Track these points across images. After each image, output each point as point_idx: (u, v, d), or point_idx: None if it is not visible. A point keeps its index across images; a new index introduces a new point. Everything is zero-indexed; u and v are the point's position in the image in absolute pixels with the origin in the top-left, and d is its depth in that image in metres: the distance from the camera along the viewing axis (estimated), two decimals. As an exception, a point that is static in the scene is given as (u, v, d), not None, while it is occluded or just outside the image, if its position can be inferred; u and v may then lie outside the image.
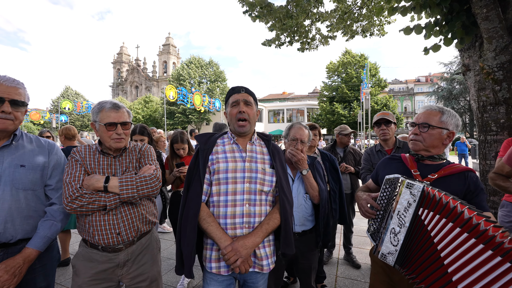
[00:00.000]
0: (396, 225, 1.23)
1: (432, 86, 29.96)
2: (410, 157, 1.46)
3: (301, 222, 1.88)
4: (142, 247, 1.54)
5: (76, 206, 1.31)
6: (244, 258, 1.24)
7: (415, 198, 1.18)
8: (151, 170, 1.50)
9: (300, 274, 1.99)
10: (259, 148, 1.47)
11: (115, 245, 1.42)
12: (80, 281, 1.39)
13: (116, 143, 1.45)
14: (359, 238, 4.17)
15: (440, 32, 2.71)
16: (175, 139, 2.64)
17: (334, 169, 2.40)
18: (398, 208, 1.24)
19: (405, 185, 1.23)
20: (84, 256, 1.43)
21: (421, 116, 1.39)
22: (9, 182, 1.29)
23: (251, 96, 1.47)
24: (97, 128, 1.46)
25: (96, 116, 1.45)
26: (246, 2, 4.46)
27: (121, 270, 1.46)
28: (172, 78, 35.87)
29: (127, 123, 1.49)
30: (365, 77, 18.46)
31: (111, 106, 1.45)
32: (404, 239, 1.20)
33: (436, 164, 1.38)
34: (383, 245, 1.28)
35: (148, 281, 1.53)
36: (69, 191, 1.32)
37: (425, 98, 37.55)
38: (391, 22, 5.47)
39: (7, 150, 1.32)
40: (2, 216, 1.25)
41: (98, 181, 1.36)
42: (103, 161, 1.48)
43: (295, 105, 36.19)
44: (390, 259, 1.25)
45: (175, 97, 18.16)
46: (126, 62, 68.03)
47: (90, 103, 29.17)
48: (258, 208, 1.34)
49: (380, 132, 2.64)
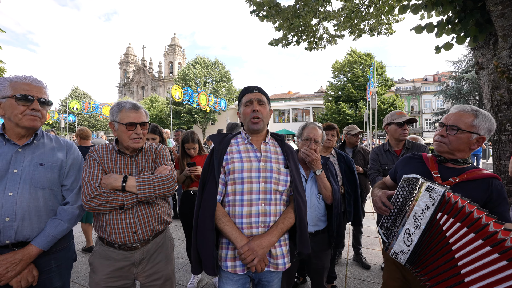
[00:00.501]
0: (411, 226, 1.23)
1: (440, 85, 29.52)
2: (432, 158, 1.43)
3: (314, 222, 1.88)
4: (157, 246, 1.56)
5: (94, 205, 1.33)
6: (261, 257, 1.25)
7: (434, 202, 1.17)
8: (167, 171, 1.52)
9: (313, 274, 1.99)
10: (273, 148, 1.48)
11: (131, 243, 1.44)
12: (97, 278, 1.42)
13: (134, 143, 1.47)
14: (368, 238, 4.14)
15: (453, 30, 2.67)
16: (186, 139, 2.66)
17: (350, 171, 2.38)
18: (415, 210, 1.23)
19: (425, 188, 1.21)
20: (101, 254, 1.46)
21: (451, 117, 1.32)
22: (28, 181, 1.31)
23: (264, 95, 1.48)
24: (116, 128, 1.47)
25: (116, 116, 1.46)
26: (254, 2, 4.46)
27: (137, 268, 1.48)
28: (178, 78, 36.09)
29: (145, 123, 1.51)
30: (372, 76, 18.29)
31: (130, 106, 1.47)
32: (418, 240, 1.20)
33: (459, 168, 1.33)
34: (395, 244, 1.29)
35: (163, 279, 1.55)
36: (88, 190, 1.34)
37: (433, 97, 37.00)
38: (399, 21, 5.41)
39: (28, 149, 1.35)
40: (20, 214, 1.27)
41: (116, 180, 1.38)
42: (120, 160, 1.49)
43: (301, 104, 36.03)
44: (401, 257, 1.27)
45: (181, 97, 18.28)
46: (132, 63, 68.69)
47: (97, 103, 29.53)
48: (273, 207, 1.35)
49: (401, 132, 2.55)
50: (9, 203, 1.24)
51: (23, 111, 1.29)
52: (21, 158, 1.31)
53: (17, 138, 1.33)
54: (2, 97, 1.27)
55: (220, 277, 1.40)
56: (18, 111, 1.28)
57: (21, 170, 1.29)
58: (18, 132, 1.32)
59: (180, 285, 2.82)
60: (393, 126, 2.57)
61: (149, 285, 1.53)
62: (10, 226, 1.24)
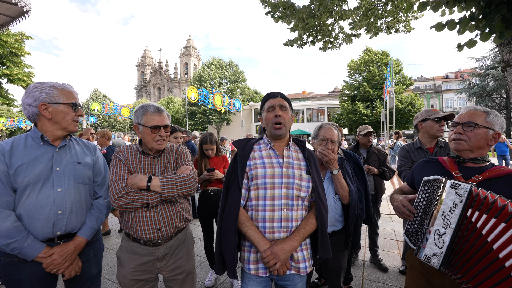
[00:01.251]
0: (441, 226, 1.18)
1: (463, 82, 28.18)
2: (450, 160, 1.40)
3: (331, 222, 1.89)
4: (179, 242, 1.63)
5: (122, 203, 1.42)
6: (283, 261, 1.27)
7: (462, 198, 1.13)
8: (188, 171, 1.59)
9: (329, 274, 1.99)
10: (295, 154, 1.49)
11: (155, 240, 1.52)
12: (124, 271, 1.51)
13: (158, 144, 1.54)
14: (385, 241, 4.06)
15: (476, 27, 2.58)
16: (204, 140, 2.74)
17: (359, 168, 2.37)
18: (442, 209, 1.19)
19: (450, 185, 1.18)
20: (128, 249, 1.55)
21: (464, 116, 1.33)
22: (72, 177, 1.43)
23: (286, 101, 1.50)
24: (141, 130, 1.55)
25: (140, 119, 1.54)
26: (269, 3, 4.49)
27: (160, 263, 1.56)
28: (193, 79, 36.73)
29: (168, 125, 1.59)
30: (389, 75, 17.79)
31: (154, 110, 1.55)
32: (450, 241, 1.15)
33: (479, 166, 1.31)
34: (426, 247, 1.23)
35: (185, 274, 1.63)
36: (115, 189, 1.42)
37: (455, 95, 35.42)
38: (418, 18, 5.25)
39: (63, 149, 1.46)
40: (69, 207, 1.39)
41: (142, 180, 1.46)
42: (144, 161, 1.57)
43: (315, 104, 35.62)
44: (435, 261, 1.20)
45: (196, 98, 18.57)
46: (149, 65, 70.59)
47: (116, 105, 30.58)
48: (295, 213, 1.37)
49: (438, 128, 2.47)
50: (60, 197, 1.37)
51: (73, 117, 1.44)
52: (60, 158, 1.42)
53: (53, 140, 1.43)
54: (53, 102, 1.37)
55: (243, 279, 1.44)
56: (70, 117, 1.42)
57: (62, 168, 1.41)
58: (58, 135, 1.43)
59: (198, 282, 2.90)
60: (429, 122, 2.50)
61: (172, 279, 1.61)
62: (62, 218, 1.37)
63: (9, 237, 1.21)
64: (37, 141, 1.39)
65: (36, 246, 1.28)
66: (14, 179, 1.27)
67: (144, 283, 1.54)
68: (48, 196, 1.33)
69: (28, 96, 1.36)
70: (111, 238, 4.20)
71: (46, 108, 1.37)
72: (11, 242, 1.22)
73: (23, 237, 1.25)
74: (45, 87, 1.38)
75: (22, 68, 18.96)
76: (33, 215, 1.30)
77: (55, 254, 1.33)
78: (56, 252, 1.33)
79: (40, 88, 1.37)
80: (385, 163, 3.31)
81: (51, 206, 1.34)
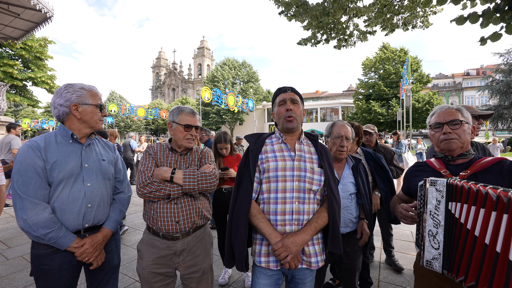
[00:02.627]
0: (432, 226, 1.15)
1: (485, 79, 26.86)
2: (437, 161, 1.40)
3: (345, 223, 1.86)
4: (197, 240, 1.67)
5: (146, 192, 1.52)
6: (294, 254, 1.27)
7: (442, 193, 1.13)
8: (210, 168, 1.67)
9: (344, 274, 1.96)
10: (307, 148, 1.49)
11: (173, 233, 1.58)
12: (144, 263, 1.58)
13: (188, 142, 1.66)
14: (402, 242, 3.95)
15: (502, 19, 2.46)
16: (218, 139, 2.77)
17: (381, 168, 2.31)
18: (429, 208, 1.17)
19: (430, 183, 1.17)
20: (148, 242, 1.62)
21: (444, 115, 1.35)
22: (99, 173, 1.52)
23: (297, 95, 1.50)
24: (174, 128, 1.66)
25: (176, 117, 1.66)
26: (282, 2, 4.47)
27: (178, 258, 1.61)
28: (206, 80, 37.20)
29: (198, 127, 1.71)
30: (406, 72, 17.26)
31: (189, 111, 1.68)
32: (444, 240, 1.11)
33: (466, 161, 1.31)
34: (425, 252, 1.18)
35: (201, 273, 1.65)
36: (142, 178, 1.54)
37: (476, 93, 33.87)
38: (437, 12, 5.06)
39: (89, 148, 1.55)
40: (97, 201, 1.49)
41: (166, 171, 1.56)
42: (171, 157, 1.68)
43: (329, 103, 35.14)
44: (436, 265, 1.14)
45: (209, 98, 18.78)
46: (164, 66, 72.09)
47: (132, 106, 31.43)
48: (306, 206, 1.36)
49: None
50: (90, 192, 1.46)
51: (100, 117, 1.54)
52: (87, 155, 1.51)
53: (80, 138, 1.52)
54: (83, 103, 1.46)
55: (254, 272, 1.44)
56: (97, 117, 1.52)
57: (90, 165, 1.50)
58: (85, 133, 1.52)
59: (212, 279, 2.94)
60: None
61: (188, 276, 1.64)
62: (91, 211, 1.46)
63: (48, 227, 1.30)
64: (66, 139, 1.46)
65: (69, 237, 1.37)
66: (50, 174, 1.35)
67: (162, 277, 1.59)
68: (80, 190, 1.43)
69: (59, 97, 1.44)
70: (127, 235, 4.32)
71: (77, 108, 1.45)
72: (49, 232, 1.30)
73: (59, 227, 1.34)
74: (76, 88, 1.47)
75: (46, 72, 19.91)
76: (66, 208, 1.38)
77: (87, 244, 1.42)
78: (88, 242, 1.43)
79: (72, 90, 1.45)
80: (393, 162, 3.25)
81: (83, 199, 1.43)
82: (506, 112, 22.19)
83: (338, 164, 1.95)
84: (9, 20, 7.38)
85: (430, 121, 1.43)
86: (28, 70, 19.38)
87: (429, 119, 1.45)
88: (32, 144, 1.36)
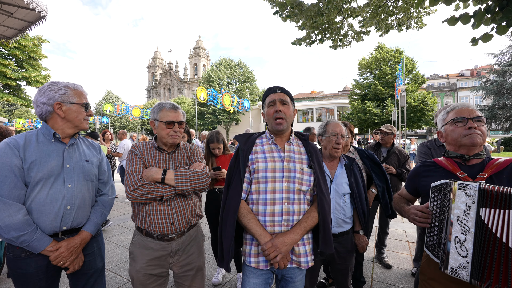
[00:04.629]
0: (460, 233, 1.09)
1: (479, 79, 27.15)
2: (448, 160, 1.33)
3: (338, 223, 1.87)
4: (191, 238, 1.66)
5: (137, 195, 1.45)
6: (284, 254, 1.27)
7: (473, 199, 1.06)
8: (202, 167, 1.62)
9: (337, 274, 1.96)
10: (296, 148, 1.48)
11: (168, 234, 1.54)
12: (138, 266, 1.54)
13: (172, 139, 1.59)
14: (396, 242, 3.98)
15: (492, 20, 2.49)
16: (211, 139, 2.75)
17: (376, 164, 2.32)
18: (456, 213, 1.11)
19: (458, 187, 1.10)
20: (140, 244, 1.57)
21: (466, 112, 1.30)
22: (82, 173, 1.47)
23: (287, 95, 1.49)
24: (156, 126, 1.61)
25: (157, 114, 1.60)
26: (277, 2, 4.47)
27: (172, 258, 1.59)
28: (202, 80, 37.05)
29: (182, 122, 1.64)
30: (400, 73, 17.37)
31: (170, 106, 1.61)
32: (473, 247, 1.04)
33: (479, 162, 1.28)
34: (450, 259, 1.11)
35: (195, 270, 1.65)
36: (131, 181, 1.47)
37: (470, 93, 34.25)
38: (430, 13, 5.11)
39: (72, 148, 1.50)
40: (77, 203, 1.43)
41: (157, 173, 1.50)
42: (159, 156, 1.62)
43: (325, 104, 35.21)
44: (463, 273, 1.07)
45: (205, 98, 18.70)
46: (160, 66, 71.66)
47: (127, 106, 31.19)
48: (296, 206, 1.36)
49: None
50: (70, 193, 1.41)
51: (84, 116, 1.50)
52: (69, 155, 1.47)
53: (63, 137, 1.47)
54: (67, 102, 1.42)
55: (244, 271, 1.44)
56: (82, 117, 1.48)
57: (72, 165, 1.45)
58: (68, 132, 1.48)
59: (205, 279, 2.92)
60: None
61: (183, 275, 1.63)
62: (70, 213, 1.41)
63: (20, 229, 1.24)
64: (48, 138, 1.42)
65: (44, 240, 1.31)
66: (28, 174, 1.30)
67: (156, 278, 1.56)
68: (60, 192, 1.37)
69: (42, 95, 1.39)
70: (120, 235, 4.29)
71: (61, 107, 1.41)
72: (22, 235, 1.25)
73: (33, 230, 1.28)
74: (60, 87, 1.42)
75: (40, 71, 19.65)
76: (43, 210, 1.33)
77: (62, 247, 1.36)
78: (63, 246, 1.37)
79: (55, 88, 1.41)
80: (405, 165, 3.26)
81: (62, 201, 1.37)
82: (499, 112, 22.47)
83: (331, 163, 1.94)
84: (2, 19, 7.26)
85: (447, 117, 1.36)
86: (22, 69, 19.12)
87: (444, 115, 1.38)
88: (11, 142, 1.31)
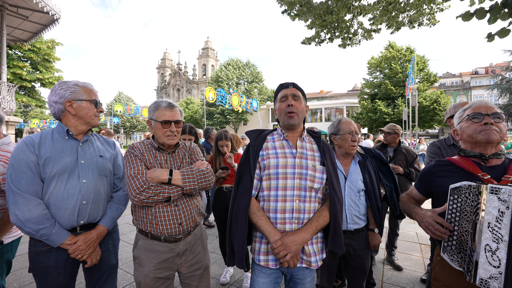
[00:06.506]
0: (491, 241, 1.01)
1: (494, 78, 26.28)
2: (465, 160, 1.25)
3: (353, 220, 1.84)
4: (196, 237, 1.65)
5: (143, 198, 1.38)
6: (294, 253, 1.24)
7: (507, 204, 0.98)
8: (205, 165, 1.60)
9: (352, 274, 1.92)
10: (309, 145, 1.46)
11: (176, 235, 1.51)
12: (145, 270, 1.48)
13: (169, 139, 1.54)
14: (407, 243, 3.90)
15: (510, 14, 2.40)
16: (219, 136, 2.76)
17: (383, 163, 2.28)
18: (487, 220, 1.03)
19: (490, 191, 1.02)
20: (146, 247, 1.51)
21: (484, 108, 1.24)
22: (96, 169, 1.52)
23: (299, 91, 1.47)
24: (153, 125, 1.57)
25: (153, 114, 1.56)
26: (285, 1, 4.44)
27: (180, 259, 1.56)
28: (211, 80, 37.30)
29: (179, 121, 1.59)
30: (411, 71, 17.03)
31: (166, 105, 1.55)
32: (507, 257, 0.98)
33: (500, 163, 1.21)
34: (479, 269, 1.03)
35: (202, 269, 1.63)
36: (136, 184, 1.39)
37: (485, 92, 33.18)
38: (444, 9, 4.97)
39: (86, 144, 1.55)
40: (92, 198, 1.47)
41: (163, 174, 1.44)
42: (160, 156, 1.57)
43: (334, 103, 34.85)
44: (494, 285, 1.00)
45: (214, 98, 18.85)
46: (169, 67, 72.50)
47: (137, 106, 31.75)
48: (307, 204, 1.34)
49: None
50: (85, 188, 1.45)
51: (95, 112, 1.54)
52: (83, 151, 1.51)
53: (77, 134, 1.52)
54: (77, 99, 1.47)
55: (253, 270, 1.43)
56: (92, 113, 1.52)
57: (86, 161, 1.50)
58: (82, 129, 1.53)
59: (213, 279, 2.93)
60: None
61: (190, 275, 1.60)
62: (86, 208, 1.45)
63: (40, 223, 1.29)
64: (63, 135, 1.47)
65: (62, 234, 1.36)
66: (43, 170, 1.36)
67: (163, 280, 1.52)
68: (75, 187, 1.42)
69: (54, 94, 1.45)
70: (130, 234, 4.35)
71: (71, 104, 1.46)
72: (41, 228, 1.30)
73: (52, 224, 1.33)
74: (69, 85, 1.47)
75: (53, 73, 20.22)
76: (61, 204, 1.38)
77: (80, 240, 1.41)
78: (81, 239, 1.41)
79: (65, 86, 1.46)
80: (414, 164, 3.19)
81: (77, 196, 1.41)
82: (515, 111, 21.70)
83: (345, 160, 1.93)
84: (18, 22, 7.55)
85: (463, 114, 1.30)
86: (37, 71, 19.72)
87: (460, 113, 1.33)
88: (27, 140, 1.37)
